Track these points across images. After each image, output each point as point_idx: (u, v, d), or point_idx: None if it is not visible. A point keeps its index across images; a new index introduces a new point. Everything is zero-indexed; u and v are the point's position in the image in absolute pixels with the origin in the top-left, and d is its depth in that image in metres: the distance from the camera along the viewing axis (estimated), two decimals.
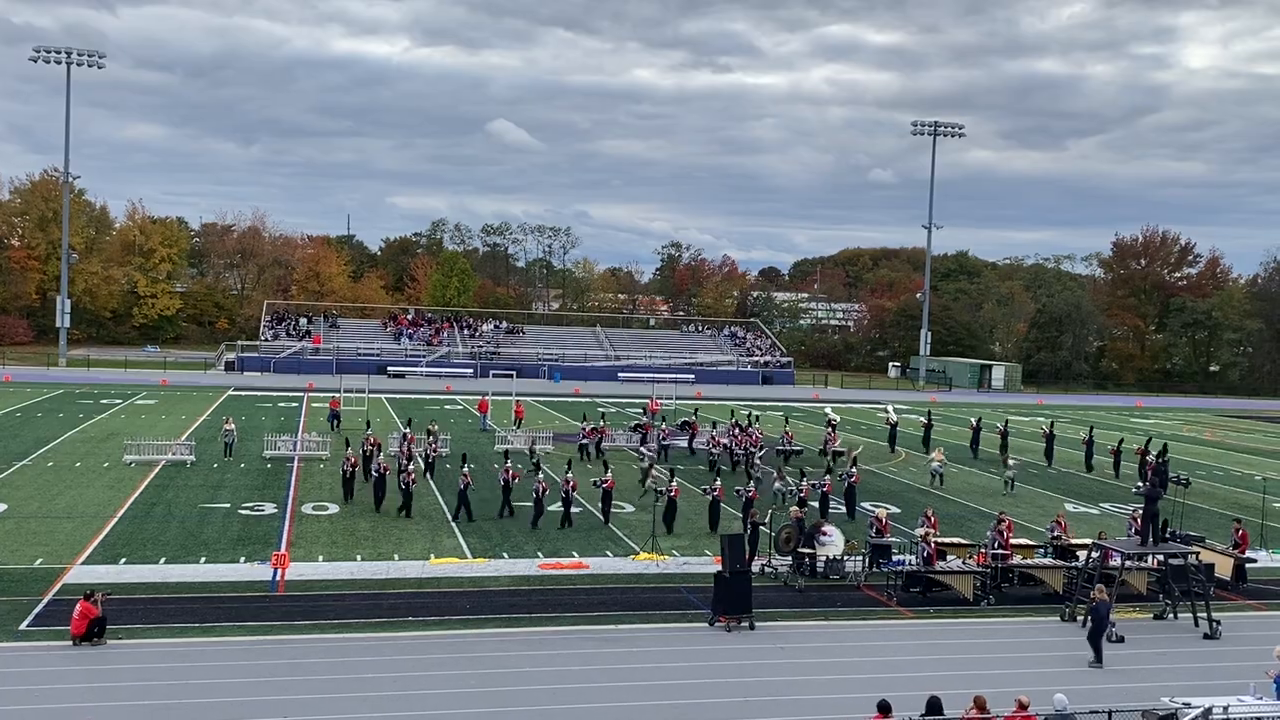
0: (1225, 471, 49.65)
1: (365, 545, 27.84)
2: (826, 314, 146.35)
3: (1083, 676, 19.80)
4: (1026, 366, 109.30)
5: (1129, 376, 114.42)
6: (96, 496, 32.63)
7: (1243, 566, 27.56)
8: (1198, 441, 62.62)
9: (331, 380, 66.45)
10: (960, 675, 19.20)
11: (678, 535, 30.30)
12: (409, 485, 31.72)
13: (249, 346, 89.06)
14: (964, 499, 38.30)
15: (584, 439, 44.06)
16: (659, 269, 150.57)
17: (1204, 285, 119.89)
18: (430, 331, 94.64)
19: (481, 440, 47.59)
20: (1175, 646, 22.37)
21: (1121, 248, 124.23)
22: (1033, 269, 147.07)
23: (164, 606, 21.93)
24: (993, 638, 22.44)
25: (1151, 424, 71.19)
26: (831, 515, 31.50)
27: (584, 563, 26.96)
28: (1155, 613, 24.44)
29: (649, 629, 21.89)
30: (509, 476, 32.09)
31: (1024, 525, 32.57)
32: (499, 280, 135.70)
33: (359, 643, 20.22)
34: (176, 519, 30.09)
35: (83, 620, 19.39)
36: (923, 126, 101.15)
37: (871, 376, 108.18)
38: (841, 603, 24.36)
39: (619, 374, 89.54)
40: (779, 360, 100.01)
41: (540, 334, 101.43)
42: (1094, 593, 21.82)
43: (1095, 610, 21.10)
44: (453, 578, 25.15)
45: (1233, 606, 25.41)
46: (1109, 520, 34.87)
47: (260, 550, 26.67)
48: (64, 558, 25.40)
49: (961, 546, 27.42)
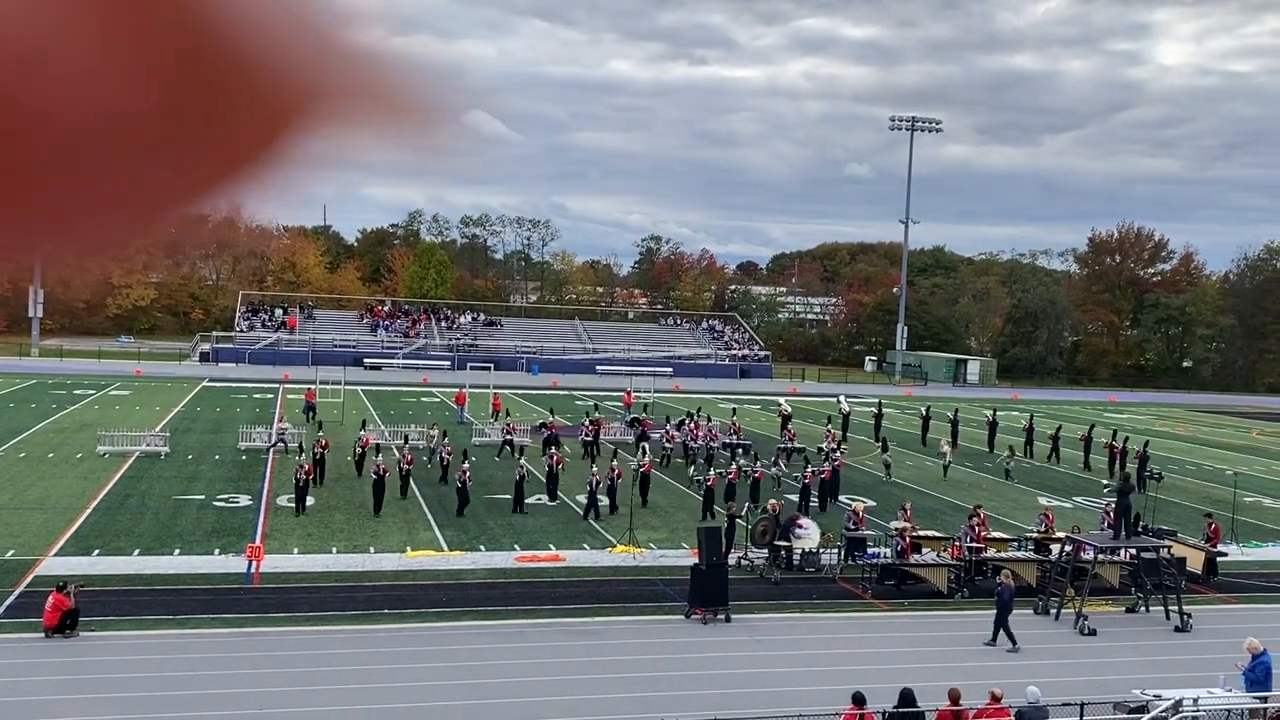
0: (1197, 466, 50.09)
1: (341, 538, 27.74)
2: (804, 308, 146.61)
3: (1056, 669, 19.96)
4: (1002, 361, 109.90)
5: (1103, 372, 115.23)
6: (69, 487, 32.38)
7: (1214, 560, 27.83)
8: (1171, 436, 63.16)
9: (307, 372, 66.12)
10: (934, 668, 19.31)
11: (654, 529, 30.34)
12: (464, 482, 31.05)
13: (224, 337, 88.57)
14: (940, 492, 38.48)
15: (585, 435, 42.92)
16: (637, 262, 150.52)
17: (1178, 281, 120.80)
18: (407, 323, 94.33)
19: (459, 433, 47.43)
20: (1147, 639, 22.59)
21: (1096, 244, 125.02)
22: (1008, 264, 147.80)
23: (137, 598, 21.79)
24: (966, 630, 22.57)
25: (1125, 419, 71.72)
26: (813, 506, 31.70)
27: (561, 555, 26.96)
28: (1127, 606, 24.66)
29: (625, 621, 21.93)
30: (383, 469, 31.03)
31: (999, 519, 32.78)
32: (477, 272, 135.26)
33: (335, 635, 20.17)
34: (150, 510, 29.89)
35: (55, 612, 19.25)
36: (900, 122, 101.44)
37: (848, 370, 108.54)
38: (817, 595, 24.47)
39: (597, 367, 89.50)
40: (757, 354, 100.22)
41: (518, 326, 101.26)
42: (1001, 576, 22.42)
43: (999, 594, 21.60)
44: (429, 570, 25.10)
45: (1204, 600, 25.65)
46: (1082, 514, 35.13)
47: (235, 542, 26.54)
48: (36, 549, 25.19)
49: (936, 540, 27.61)
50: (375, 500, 30.49)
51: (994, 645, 21.32)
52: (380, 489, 30.66)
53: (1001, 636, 21.29)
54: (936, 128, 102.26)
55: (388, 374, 79.56)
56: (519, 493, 31.39)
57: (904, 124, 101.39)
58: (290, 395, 59.38)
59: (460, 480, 31.14)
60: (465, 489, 31.04)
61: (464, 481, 31.06)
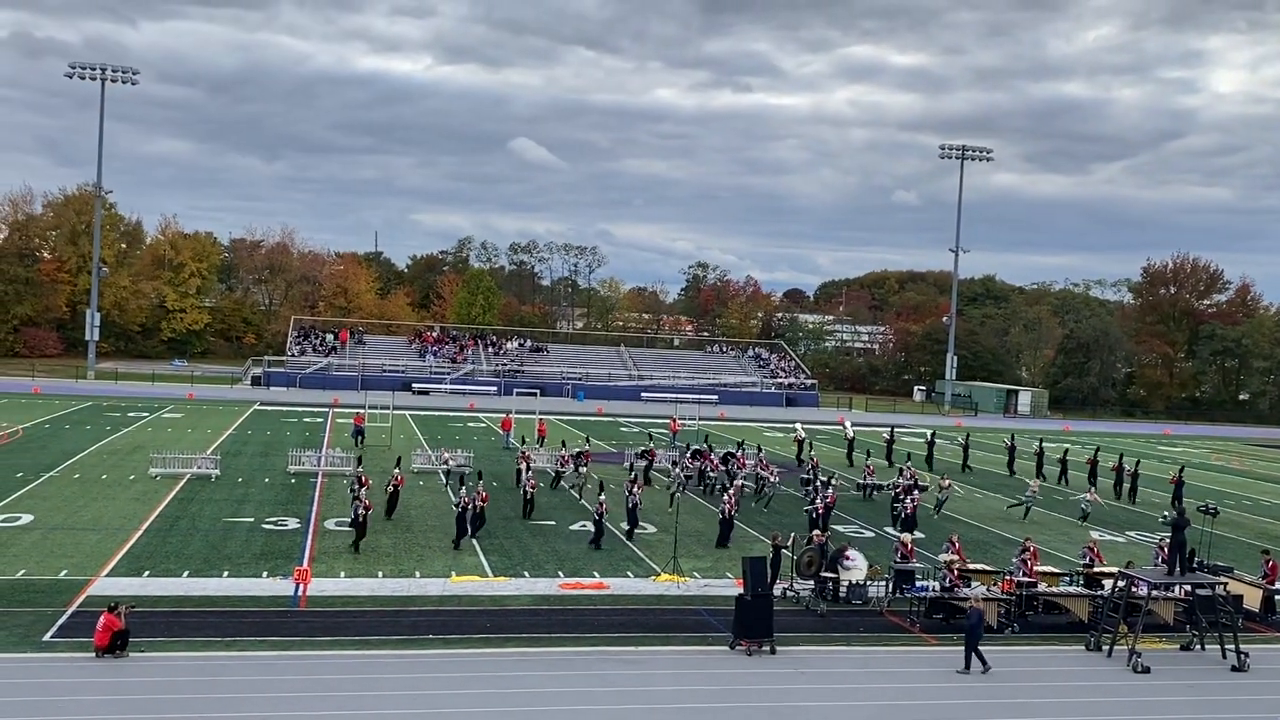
0: (1254, 501, 49.09)
1: (387, 562, 27.87)
2: (851, 336, 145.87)
3: (1108, 707, 19.56)
4: (1053, 392, 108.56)
5: (1157, 404, 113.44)
6: (122, 509, 32.84)
7: (1272, 598, 27.20)
8: (1226, 470, 61.96)
9: (357, 396, 66.72)
10: (983, 704, 19.03)
11: (699, 557, 30.20)
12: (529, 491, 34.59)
13: (275, 361, 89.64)
14: (989, 525, 37.99)
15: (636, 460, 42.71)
16: (684, 289, 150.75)
17: (1234, 313, 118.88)
18: (455, 349, 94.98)
19: (505, 458, 47.63)
20: (1202, 679, 22.08)
21: (1151, 274, 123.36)
22: (1061, 294, 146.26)
23: (186, 620, 22.03)
24: (1016, 666, 22.20)
25: (1179, 452, 70.52)
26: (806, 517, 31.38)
27: (605, 583, 26.89)
28: (1182, 644, 24.16)
29: (669, 651, 21.79)
30: (466, 502, 30.76)
31: (1049, 553, 32.28)
32: (524, 298, 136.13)
33: (380, 660, 20.23)
34: (200, 533, 30.24)
35: (106, 632, 19.49)
36: (950, 150, 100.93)
37: (896, 400, 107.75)
38: (864, 628, 24.19)
39: (642, 394, 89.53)
40: (803, 382, 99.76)
41: (564, 353, 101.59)
42: (971, 600, 22.34)
43: (968, 617, 21.59)
44: (473, 596, 25.15)
45: (1261, 639, 25.08)
46: (1135, 549, 34.52)
47: (283, 565, 26.75)
48: (88, 570, 25.55)
49: (986, 573, 27.22)
50: (458, 530, 30.26)
51: (967, 672, 21.13)
52: (463, 522, 30.54)
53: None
54: (987, 156, 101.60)
55: (435, 398, 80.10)
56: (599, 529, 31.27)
57: (954, 153, 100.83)
58: (340, 419, 59.93)
59: (476, 502, 30.87)
60: (478, 512, 30.96)
61: (470, 504, 30.78)
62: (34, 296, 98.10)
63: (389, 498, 33.27)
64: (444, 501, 36.00)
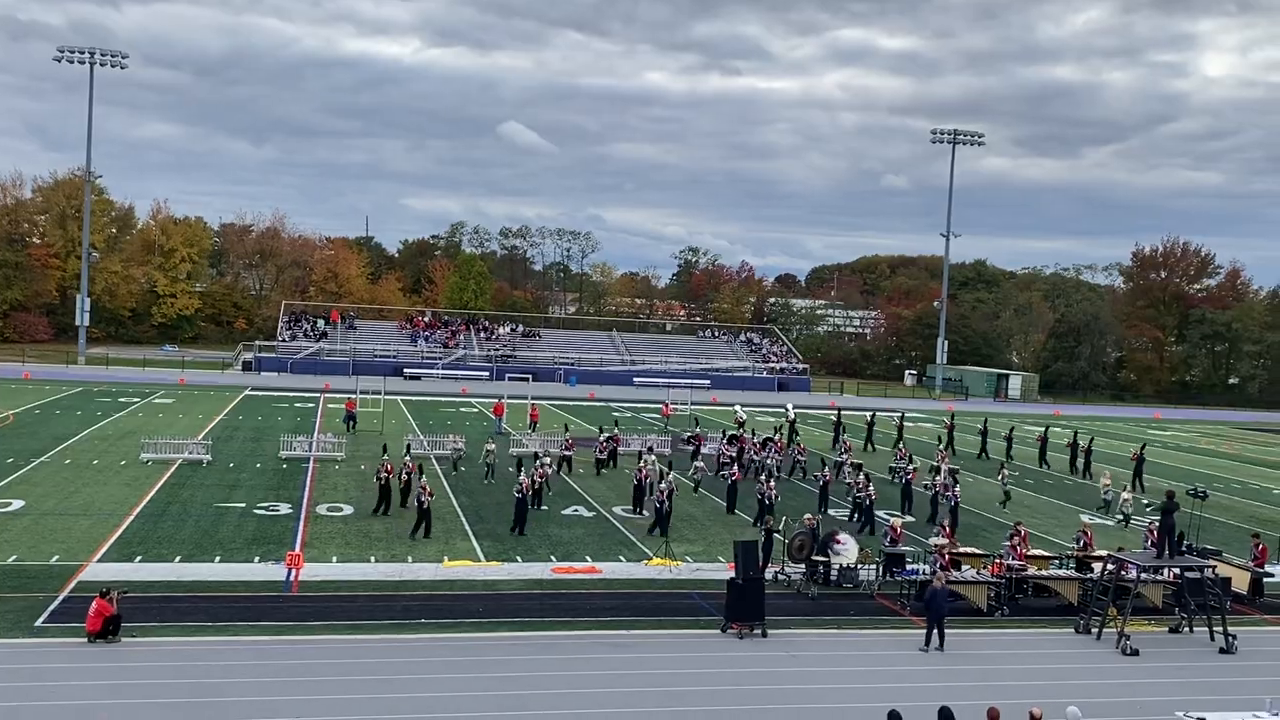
0: (1243, 485, 49.33)
1: (379, 547, 27.90)
2: (843, 321, 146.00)
3: (1098, 689, 19.68)
4: (1044, 376, 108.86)
5: (1147, 388, 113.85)
6: (113, 494, 32.80)
7: (1260, 581, 27.37)
8: (1216, 454, 62.22)
9: (348, 381, 66.66)
10: (973, 686, 19.13)
11: (690, 541, 30.28)
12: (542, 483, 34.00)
13: (266, 347, 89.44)
14: (980, 509, 38.12)
15: (599, 452, 42.36)
16: (676, 274, 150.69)
17: (1224, 297, 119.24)
18: (447, 334, 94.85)
19: (497, 443, 47.61)
20: (1191, 660, 22.23)
21: (1141, 258, 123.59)
22: (1051, 278, 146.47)
23: (178, 605, 22.04)
24: (1006, 649, 22.34)
25: (1169, 435, 70.81)
26: (805, 509, 31.48)
27: (597, 567, 26.96)
28: (1171, 626, 24.30)
29: (661, 635, 21.87)
30: (526, 484, 31.00)
31: (1040, 537, 32.42)
32: (516, 283, 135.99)
33: (372, 644, 20.27)
34: (192, 518, 30.23)
35: (98, 618, 19.50)
36: (941, 134, 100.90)
37: (888, 385, 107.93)
38: (855, 611, 24.31)
39: (634, 379, 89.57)
40: (795, 367, 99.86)
41: (556, 338, 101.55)
42: (934, 580, 22.66)
43: (930, 596, 21.98)
44: (466, 580, 25.19)
45: (1249, 621, 25.24)
46: (1125, 532, 34.67)
47: (275, 550, 26.77)
48: (80, 555, 25.54)
49: (976, 557, 27.35)
50: (424, 527, 29.26)
51: (927, 650, 21.50)
52: (523, 506, 30.67)
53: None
54: (979, 141, 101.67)
55: (427, 384, 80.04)
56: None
57: (945, 137, 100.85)
58: (331, 405, 59.87)
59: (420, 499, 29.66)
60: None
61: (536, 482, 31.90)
62: (24, 281, 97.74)
63: (403, 485, 32.49)
64: (439, 487, 35.97)
